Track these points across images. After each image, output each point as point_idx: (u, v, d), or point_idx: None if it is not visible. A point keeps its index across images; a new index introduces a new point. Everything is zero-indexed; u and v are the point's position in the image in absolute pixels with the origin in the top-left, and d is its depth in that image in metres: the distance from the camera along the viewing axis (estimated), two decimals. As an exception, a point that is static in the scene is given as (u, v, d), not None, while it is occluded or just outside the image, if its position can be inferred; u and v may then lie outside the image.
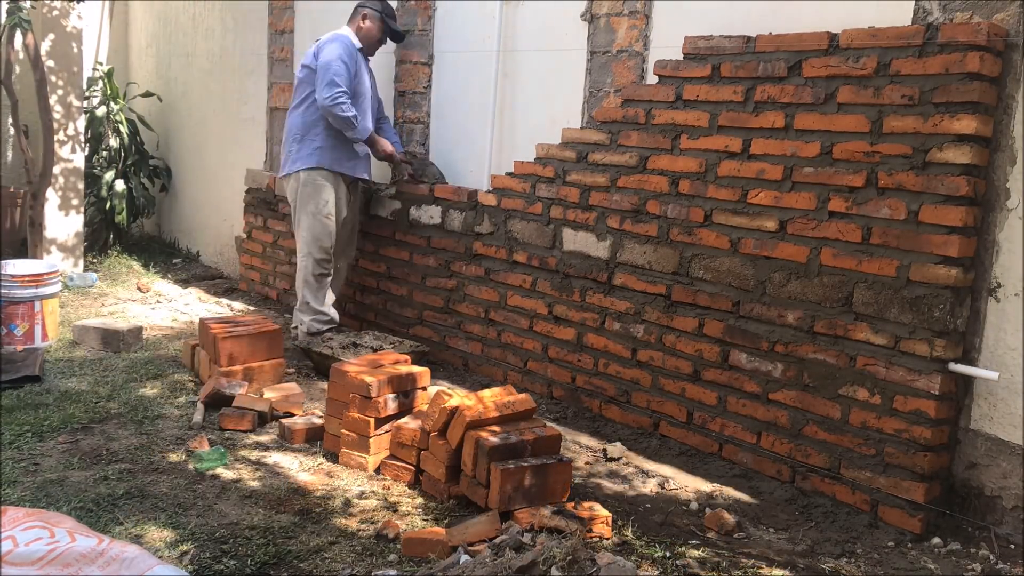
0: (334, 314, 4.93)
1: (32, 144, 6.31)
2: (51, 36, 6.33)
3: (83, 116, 6.62)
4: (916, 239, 3.02)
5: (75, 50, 6.50)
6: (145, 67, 7.95)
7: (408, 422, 3.35)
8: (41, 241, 6.34)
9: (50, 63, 6.29)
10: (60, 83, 6.40)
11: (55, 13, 6.34)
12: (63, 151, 6.39)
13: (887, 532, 3.06)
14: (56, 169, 6.34)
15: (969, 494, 3.10)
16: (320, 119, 4.76)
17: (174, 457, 3.39)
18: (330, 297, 4.96)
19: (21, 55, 6.47)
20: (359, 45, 4.82)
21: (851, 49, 3.17)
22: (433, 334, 4.88)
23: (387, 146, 4.90)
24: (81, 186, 6.54)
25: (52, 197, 6.37)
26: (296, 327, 4.91)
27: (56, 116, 6.29)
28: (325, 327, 4.86)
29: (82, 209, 6.57)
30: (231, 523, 2.86)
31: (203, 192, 7.29)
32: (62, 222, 6.44)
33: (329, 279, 4.93)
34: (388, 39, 4.96)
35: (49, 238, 6.38)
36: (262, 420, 3.78)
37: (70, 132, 6.44)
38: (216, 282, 6.59)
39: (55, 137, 6.23)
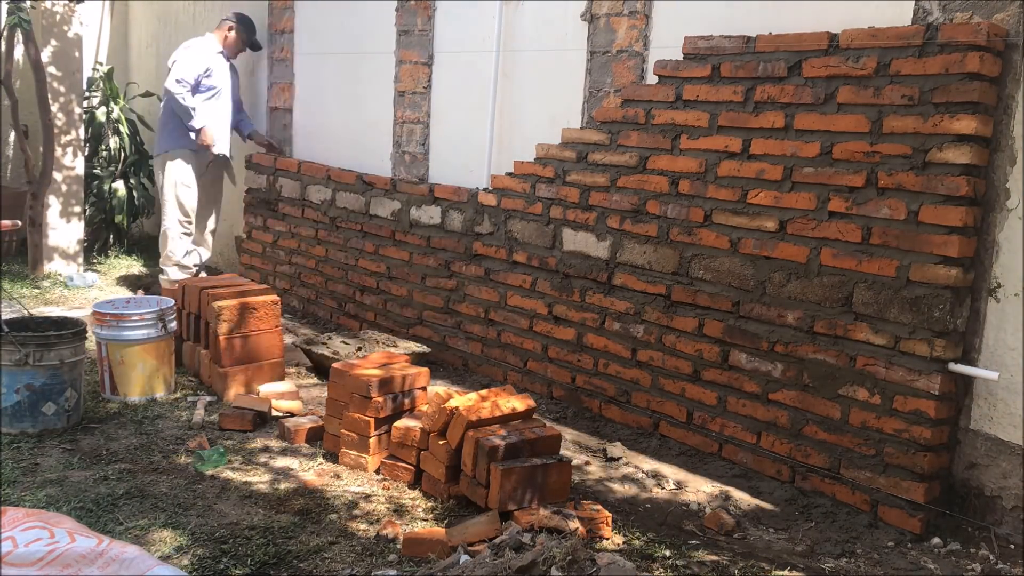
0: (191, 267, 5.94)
1: (32, 145, 6.30)
2: (53, 43, 6.33)
3: (82, 121, 6.63)
4: (916, 239, 3.02)
5: (76, 55, 6.50)
6: (145, 67, 7.94)
7: (408, 422, 3.34)
8: (41, 241, 6.34)
9: (51, 69, 6.28)
10: (62, 89, 6.39)
11: (57, 18, 6.33)
12: (65, 159, 6.38)
13: (887, 532, 3.06)
14: (58, 176, 6.34)
15: (969, 494, 3.10)
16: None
17: (174, 457, 3.39)
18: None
19: (22, 63, 6.47)
20: (220, 49, 5.82)
21: (851, 49, 3.17)
22: (433, 334, 4.88)
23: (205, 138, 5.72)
24: (82, 194, 6.55)
25: (54, 204, 6.37)
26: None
27: (58, 123, 6.29)
28: (184, 275, 5.72)
29: (83, 216, 6.57)
30: (231, 523, 2.86)
31: (203, 192, 7.27)
32: (64, 229, 6.44)
33: (190, 236, 5.93)
34: (248, 48, 6.01)
35: (51, 245, 6.38)
36: (262, 420, 3.78)
37: (72, 139, 6.44)
38: (216, 282, 6.59)
39: (56, 142, 6.22)
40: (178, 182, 5.76)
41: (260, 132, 6.19)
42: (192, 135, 5.72)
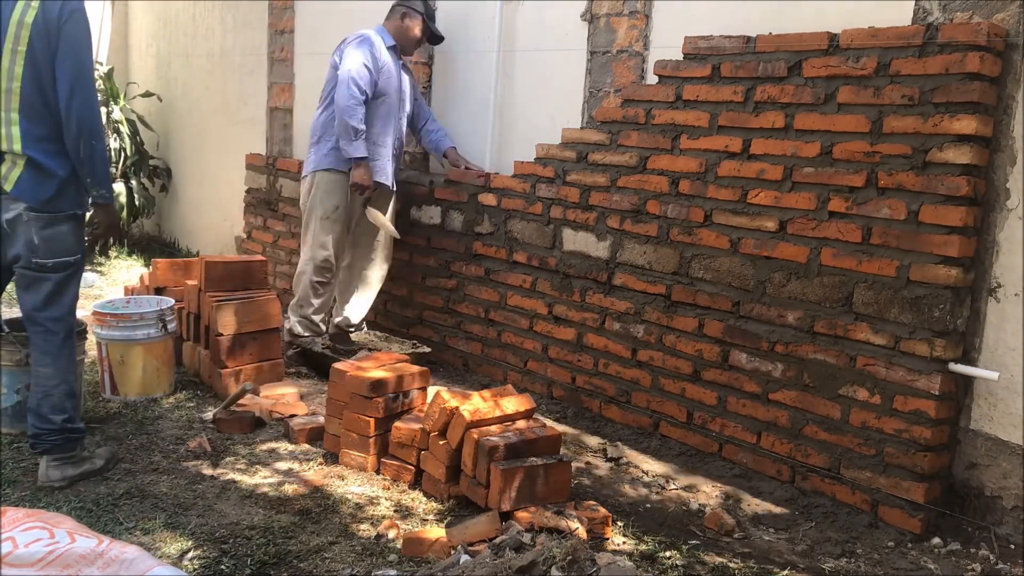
0: (322, 327, 4.76)
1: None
2: None
3: None
4: (916, 239, 3.02)
5: None
6: (145, 67, 7.95)
7: (408, 422, 3.35)
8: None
9: None
10: None
11: None
12: None
13: (887, 532, 3.06)
14: None
15: (969, 494, 3.10)
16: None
17: (174, 457, 3.39)
18: (327, 305, 4.76)
19: None
20: (392, 43, 4.57)
21: (851, 49, 3.17)
22: (433, 334, 4.88)
23: (362, 176, 4.47)
24: None
25: None
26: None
27: None
28: (307, 333, 4.69)
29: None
30: (231, 523, 2.86)
31: (203, 192, 7.29)
32: None
33: (329, 287, 4.74)
34: (427, 41, 4.77)
35: None
36: (262, 421, 3.78)
37: None
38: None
39: None
40: (323, 216, 4.57)
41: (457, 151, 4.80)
42: (383, 153, 4.59)
